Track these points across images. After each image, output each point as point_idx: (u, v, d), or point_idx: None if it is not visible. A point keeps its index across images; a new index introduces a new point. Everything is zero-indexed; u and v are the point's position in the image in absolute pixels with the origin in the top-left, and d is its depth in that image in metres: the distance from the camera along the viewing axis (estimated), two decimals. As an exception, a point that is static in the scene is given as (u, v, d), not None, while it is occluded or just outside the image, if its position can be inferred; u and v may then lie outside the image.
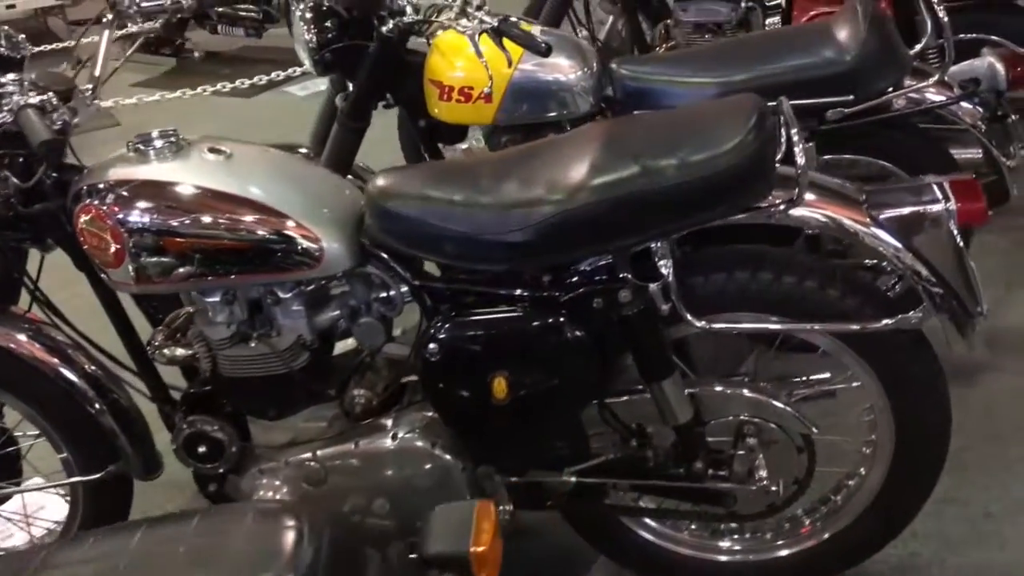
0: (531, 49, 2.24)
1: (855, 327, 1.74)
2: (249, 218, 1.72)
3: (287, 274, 1.76)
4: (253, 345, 1.82)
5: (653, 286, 1.74)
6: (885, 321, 1.73)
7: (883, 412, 1.87)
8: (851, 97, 2.45)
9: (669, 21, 3.64)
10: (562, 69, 2.55)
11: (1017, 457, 2.54)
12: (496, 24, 2.24)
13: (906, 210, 1.72)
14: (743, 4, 3.51)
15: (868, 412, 1.91)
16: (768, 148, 1.66)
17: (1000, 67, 2.49)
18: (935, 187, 1.72)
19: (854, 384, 1.89)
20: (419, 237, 1.73)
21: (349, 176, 2.51)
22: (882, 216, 1.72)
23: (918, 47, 2.66)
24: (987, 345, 2.99)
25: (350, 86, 2.61)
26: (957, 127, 2.65)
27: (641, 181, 1.63)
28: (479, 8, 2.31)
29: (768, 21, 3.51)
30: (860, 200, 1.75)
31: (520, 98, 2.53)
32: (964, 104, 2.57)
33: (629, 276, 1.74)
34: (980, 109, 2.58)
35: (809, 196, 1.71)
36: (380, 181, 1.79)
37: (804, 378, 1.96)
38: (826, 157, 2.62)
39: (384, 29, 2.44)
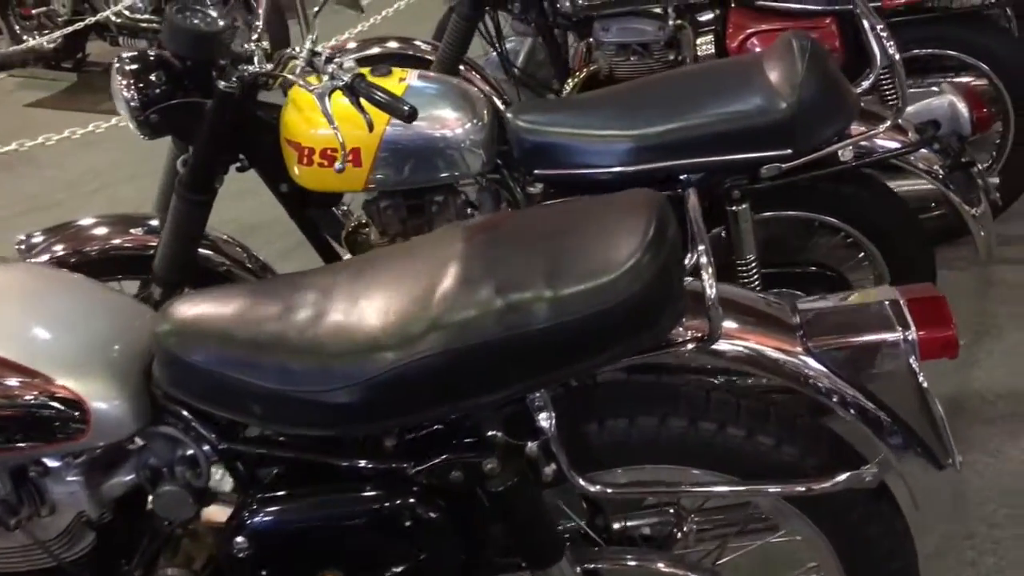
0: (391, 113, 1.82)
1: (797, 489, 1.35)
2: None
3: (50, 446, 1.33)
4: (16, 533, 1.39)
5: (532, 445, 1.34)
6: (834, 480, 1.33)
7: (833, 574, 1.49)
8: (789, 151, 2.06)
9: (591, 40, 3.23)
10: (446, 123, 2.12)
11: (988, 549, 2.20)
12: (348, 82, 1.81)
13: (853, 339, 1.32)
14: (671, 23, 3.11)
15: (815, 572, 1.53)
16: (669, 271, 1.25)
17: (963, 107, 2.11)
18: (889, 308, 1.33)
19: (797, 538, 1.51)
20: (216, 392, 1.30)
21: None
22: (823, 347, 1.32)
23: (867, 82, 2.27)
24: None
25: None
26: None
27: (504, 322, 1.21)
28: (329, 61, 1.88)
29: (700, 41, 3.11)
30: (794, 325, 1.35)
31: (395, 160, 2.11)
32: (923, 150, 2.19)
33: (499, 435, 1.33)
34: (940, 156, 2.20)
35: (729, 324, 1.31)
36: (172, 311, 1.36)
37: (735, 529, 1.56)
38: (765, 215, 2.23)
39: (223, 84, 1.99)
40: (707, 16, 3.14)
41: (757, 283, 2.22)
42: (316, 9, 2.15)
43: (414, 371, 1.22)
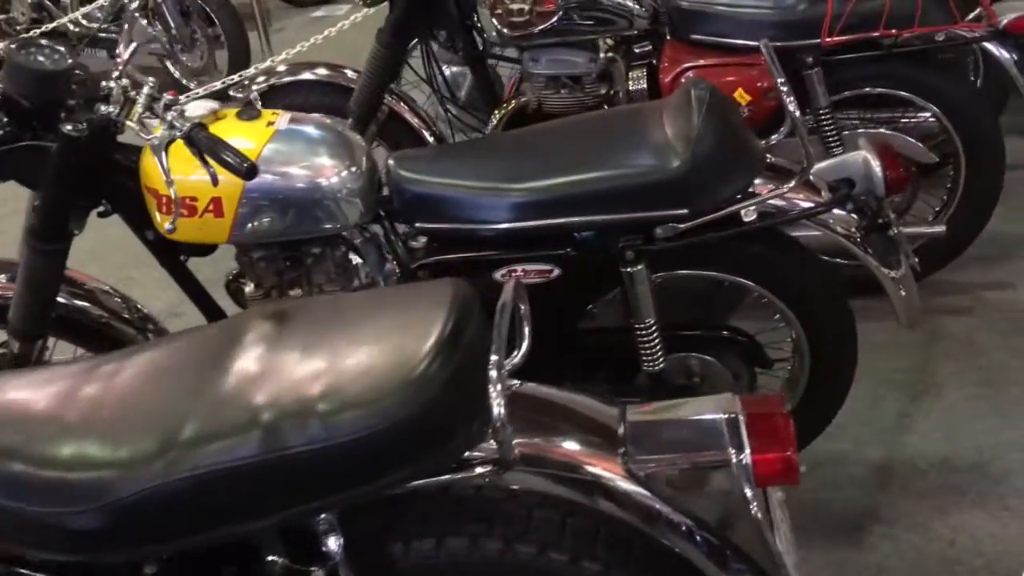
0: (228, 170, 1.66)
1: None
2: None
3: None
4: None
5: (318, 572, 1.18)
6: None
7: None
8: (684, 211, 1.90)
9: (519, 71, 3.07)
10: (319, 171, 1.96)
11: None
12: (186, 132, 1.65)
13: (680, 459, 1.16)
14: (603, 55, 2.95)
15: None
16: (463, 383, 1.09)
17: (876, 167, 1.94)
18: (725, 424, 1.16)
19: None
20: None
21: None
22: (646, 467, 1.16)
23: (777, 136, 2.11)
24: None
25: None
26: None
27: (264, 443, 1.05)
28: (168, 108, 1.72)
29: (632, 75, 2.95)
30: (617, 440, 1.19)
31: (261, 211, 1.94)
32: (836, 210, 2.02)
33: (280, 560, 1.17)
34: (856, 216, 2.04)
35: (535, 440, 1.15)
36: None
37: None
38: (658, 275, 2.07)
39: (68, 127, 1.83)
40: (641, 49, 2.99)
41: (658, 350, 2.06)
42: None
43: (161, 495, 1.06)
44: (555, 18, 2.86)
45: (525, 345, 1.22)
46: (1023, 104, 2.93)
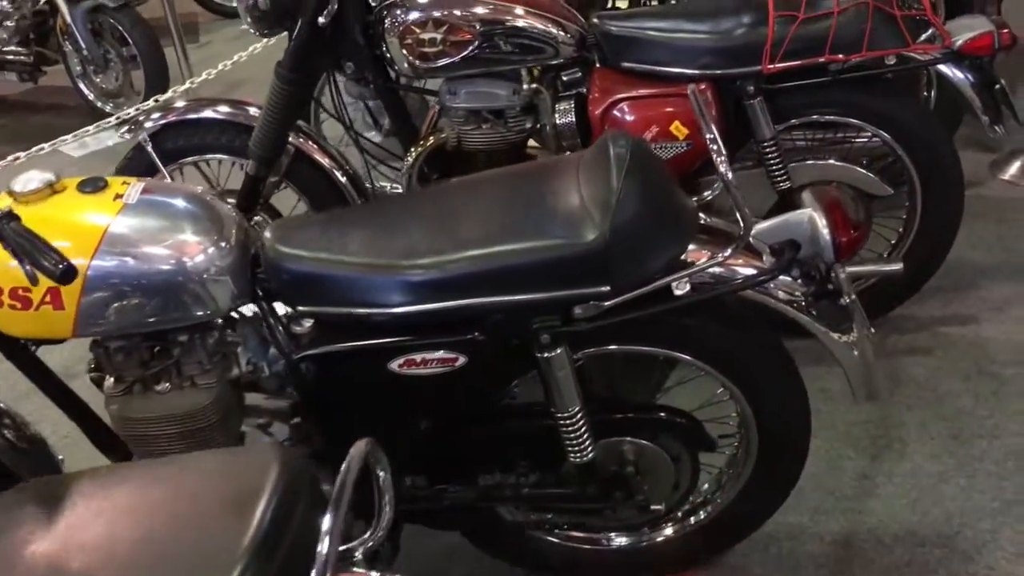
0: (41, 271, 1.37)
1: None
2: None
3: None
4: None
5: None
6: None
7: None
8: (605, 288, 1.63)
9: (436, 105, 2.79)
10: (180, 249, 1.67)
11: None
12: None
13: None
14: (526, 86, 2.68)
15: None
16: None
17: (824, 230, 1.68)
18: None
19: None
20: None
21: None
22: None
23: (709, 192, 1.85)
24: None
25: None
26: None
27: None
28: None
29: (559, 107, 2.69)
30: None
31: (113, 300, 1.65)
32: (781, 276, 1.77)
33: None
34: (802, 282, 1.78)
35: None
36: None
37: None
38: (581, 354, 1.81)
39: None
40: (571, 76, 2.73)
41: (586, 439, 1.80)
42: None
43: None
44: (470, 48, 2.58)
45: (386, 519, 0.95)
46: (979, 121, 2.70)
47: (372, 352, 1.69)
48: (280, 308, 1.77)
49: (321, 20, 2.53)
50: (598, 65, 2.68)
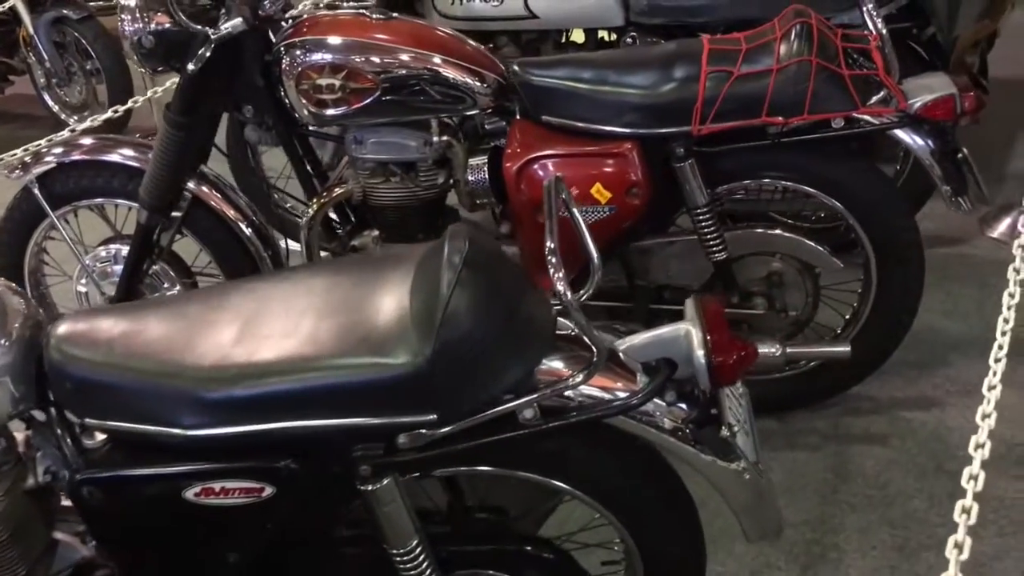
0: None
1: None
2: None
3: None
4: None
5: None
6: None
7: None
8: (432, 416, 1.38)
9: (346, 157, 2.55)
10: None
11: None
12: None
13: None
14: (436, 139, 2.42)
15: None
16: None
17: (699, 347, 1.41)
18: None
19: None
20: None
21: None
22: None
23: (587, 291, 1.58)
24: None
25: None
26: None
27: None
28: None
29: (472, 162, 2.44)
30: None
31: None
32: (656, 400, 1.50)
33: None
34: (683, 406, 1.52)
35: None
36: None
37: None
38: (433, 474, 1.55)
39: None
40: (494, 125, 2.48)
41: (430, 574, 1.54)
42: None
43: None
44: (374, 97, 2.33)
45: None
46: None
47: (162, 479, 1.44)
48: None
49: (190, 67, 2.29)
50: (518, 116, 2.43)
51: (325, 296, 1.47)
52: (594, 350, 1.37)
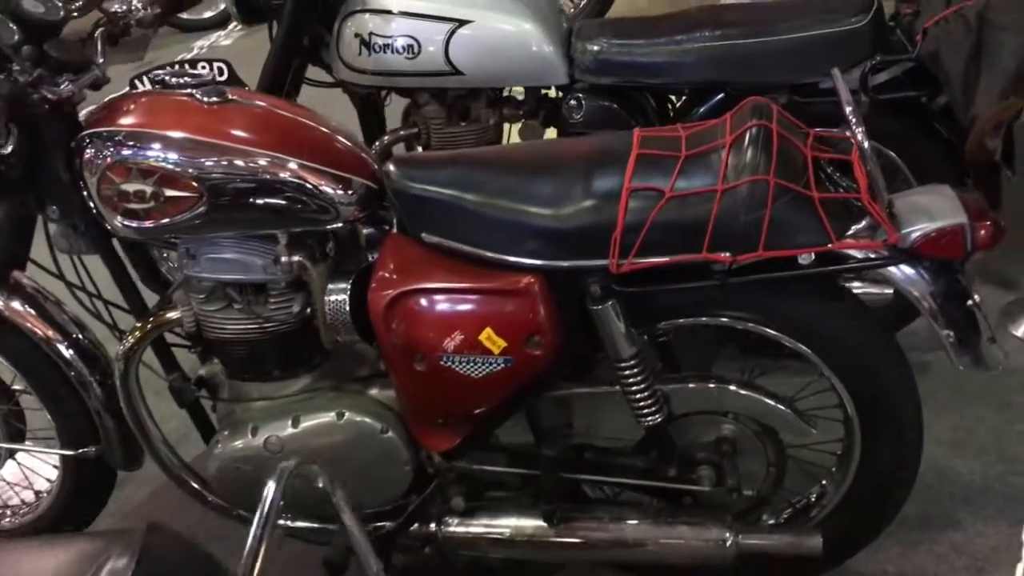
0: None
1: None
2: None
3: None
4: None
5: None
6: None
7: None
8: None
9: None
10: None
11: None
12: None
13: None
14: (285, 258, 1.83)
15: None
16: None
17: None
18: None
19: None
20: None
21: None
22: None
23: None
24: None
25: None
26: None
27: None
28: None
29: (331, 286, 1.85)
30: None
31: None
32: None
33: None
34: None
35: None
36: None
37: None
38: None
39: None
40: (355, 242, 1.92)
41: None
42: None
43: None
44: (198, 207, 1.76)
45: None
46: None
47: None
48: None
49: None
50: (394, 230, 1.87)
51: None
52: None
